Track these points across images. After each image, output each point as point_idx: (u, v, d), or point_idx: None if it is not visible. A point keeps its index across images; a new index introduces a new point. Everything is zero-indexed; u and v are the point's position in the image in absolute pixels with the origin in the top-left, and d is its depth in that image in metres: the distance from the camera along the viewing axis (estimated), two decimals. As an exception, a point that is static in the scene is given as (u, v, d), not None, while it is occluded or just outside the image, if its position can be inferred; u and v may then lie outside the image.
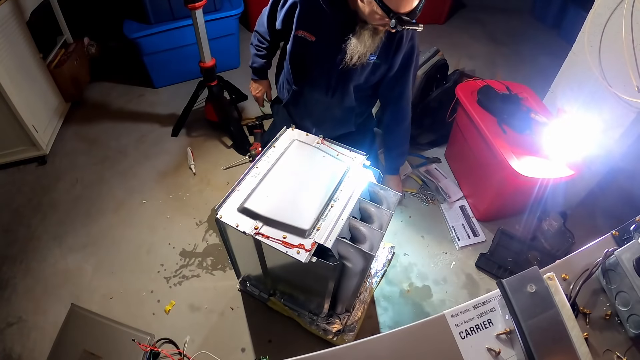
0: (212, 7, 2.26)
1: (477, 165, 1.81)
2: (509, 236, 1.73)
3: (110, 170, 2.04)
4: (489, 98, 1.71)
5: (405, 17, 1.06)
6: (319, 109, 1.51)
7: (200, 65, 1.94)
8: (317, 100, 1.48)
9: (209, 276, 1.65)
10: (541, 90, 1.83)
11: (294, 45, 1.33)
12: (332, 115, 1.51)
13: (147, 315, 1.53)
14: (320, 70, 1.37)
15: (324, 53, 1.31)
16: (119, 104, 2.41)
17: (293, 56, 1.37)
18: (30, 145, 1.98)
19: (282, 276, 1.32)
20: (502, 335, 0.80)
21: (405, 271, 1.68)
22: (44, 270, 1.66)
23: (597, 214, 1.84)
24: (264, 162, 1.19)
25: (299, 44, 1.31)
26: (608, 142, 1.53)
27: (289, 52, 1.37)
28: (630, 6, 1.27)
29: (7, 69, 1.76)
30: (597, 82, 1.48)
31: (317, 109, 1.51)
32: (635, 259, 0.79)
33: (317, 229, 1.05)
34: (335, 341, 1.42)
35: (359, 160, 1.23)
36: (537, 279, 0.78)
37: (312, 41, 1.28)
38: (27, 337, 1.47)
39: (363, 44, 1.19)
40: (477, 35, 2.99)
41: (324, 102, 1.46)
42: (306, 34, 1.28)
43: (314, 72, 1.39)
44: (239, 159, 2.09)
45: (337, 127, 1.56)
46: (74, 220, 1.83)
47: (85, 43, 2.51)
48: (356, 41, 1.19)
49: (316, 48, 1.29)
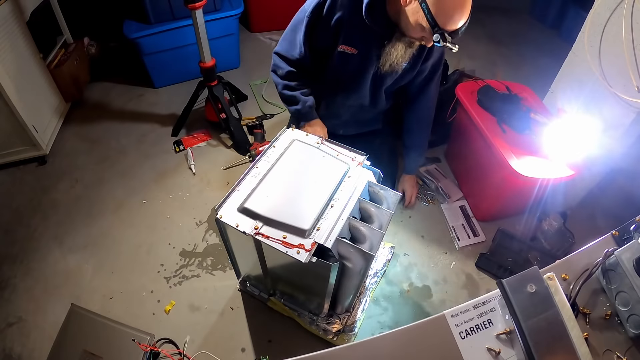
0: (212, 7, 2.26)
1: (477, 165, 1.81)
2: (509, 236, 1.73)
3: (110, 170, 2.04)
4: (489, 98, 1.71)
5: (447, 35, 1.08)
6: (350, 113, 1.53)
7: (200, 65, 1.94)
8: (349, 106, 1.50)
9: (209, 276, 1.65)
10: (541, 90, 1.83)
11: (335, 59, 1.32)
12: (362, 117, 1.54)
13: (147, 315, 1.53)
14: (356, 80, 1.38)
15: (362, 64, 1.32)
16: (119, 104, 2.41)
17: (332, 70, 1.36)
18: (30, 145, 1.98)
19: (282, 276, 1.32)
20: (502, 335, 0.80)
21: (405, 271, 1.68)
22: (44, 270, 1.66)
23: (597, 214, 1.84)
24: (264, 162, 1.19)
25: (340, 58, 1.30)
26: (608, 142, 1.53)
27: (329, 67, 1.35)
28: (630, 6, 1.27)
29: (7, 69, 1.76)
30: (597, 82, 1.48)
31: (348, 112, 1.53)
32: (635, 259, 0.79)
33: (317, 229, 1.05)
34: (335, 341, 1.42)
35: (359, 160, 1.23)
36: (537, 279, 0.78)
37: (352, 54, 1.29)
38: (27, 337, 1.47)
39: (397, 53, 1.23)
40: (477, 36, 2.99)
41: (356, 106, 1.49)
42: (348, 48, 1.28)
43: (350, 82, 1.40)
44: (239, 159, 2.09)
45: (365, 127, 1.58)
46: (74, 220, 1.83)
47: (85, 43, 2.51)
48: (391, 50, 1.23)
49: (356, 60, 1.30)
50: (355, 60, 1.31)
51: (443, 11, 1.06)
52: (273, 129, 2.26)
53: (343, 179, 1.16)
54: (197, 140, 2.18)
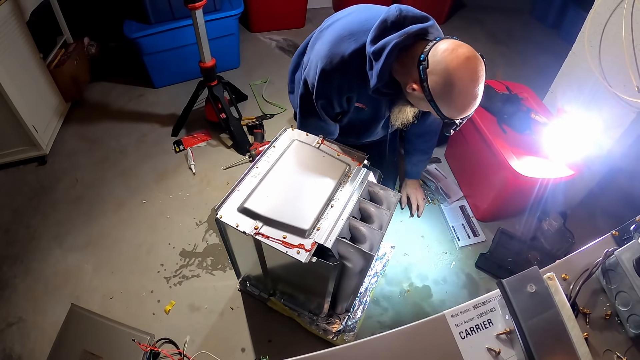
0: (212, 7, 2.26)
1: (477, 165, 1.81)
2: (509, 236, 1.73)
3: (110, 170, 2.04)
4: (489, 98, 1.71)
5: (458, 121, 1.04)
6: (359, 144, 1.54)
7: (200, 65, 1.94)
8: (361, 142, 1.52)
9: (209, 276, 1.65)
10: (541, 90, 1.83)
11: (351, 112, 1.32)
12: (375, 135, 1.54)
13: (147, 315, 1.53)
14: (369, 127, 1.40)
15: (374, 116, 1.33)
16: (119, 104, 2.41)
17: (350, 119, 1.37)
18: (30, 145, 1.98)
19: (282, 276, 1.32)
20: (502, 335, 0.80)
21: (405, 271, 1.68)
22: (44, 270, 1.66)
23: (597, 214, 1.84)
24: (264, 162, 1.19)
25: (355, 111, 1.30)
26: (608, 142, 1.53)
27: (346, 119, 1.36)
28: (630, 6, 1.27)
29: (7, 69, 1.76)
30: (597, 82, 1.48)
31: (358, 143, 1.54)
32: (635, 259, 0.79)
33: (317, 229, 1.05)
34: (335, 341, 1.42)
35: (359, 160, 1.23)
36: (537, 279, 0.79)
37: (364, 109, 1.28)
38: (27, 337, 1.47)
39: (405, 115, 1.22)
40: (477, 35, 2.99)
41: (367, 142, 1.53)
42: (359, 104, 1.27)
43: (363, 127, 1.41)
44: (239, 159, 2.10)
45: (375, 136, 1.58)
46: (74, 220, 1.83)
47: (85, 43, 2.51)
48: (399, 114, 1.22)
49: (368, 113, 1.30)
50: (367, 113, 1.30)
51: (455, 111, 1.01)
52: (273, 129, 2.26)
53: (343, 179, 1.17)
54: (197, 140, 2.18)
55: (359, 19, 1.16)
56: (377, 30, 1.05)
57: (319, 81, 1.18)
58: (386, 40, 1.02)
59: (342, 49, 1.12)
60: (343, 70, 1.13)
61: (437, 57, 0.97)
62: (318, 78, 1.17)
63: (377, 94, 1.13)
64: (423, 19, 1.06)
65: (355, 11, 1.22)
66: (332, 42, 1.15)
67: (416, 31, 1.01)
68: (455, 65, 0.94)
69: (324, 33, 1.23)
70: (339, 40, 1.14)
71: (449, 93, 0.97)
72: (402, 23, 1.04)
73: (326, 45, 1.16)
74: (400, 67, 1.06)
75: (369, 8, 1.20)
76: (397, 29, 1.03)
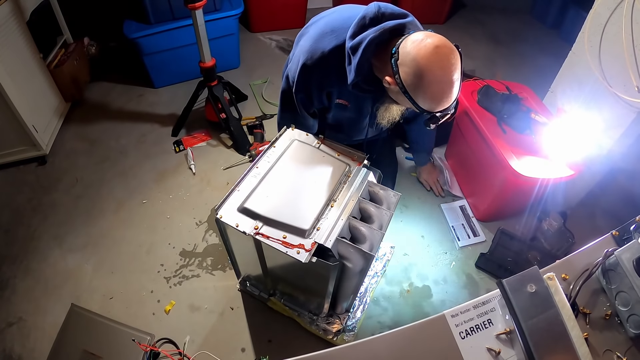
0: (212, 7, 2.26)
1: (477, 165, 1.81)
2: (509, 236, 1.73)
3: (110, 170, 2.04)
4: (489, 98, 1.71)
5: (439, 114, 1.02)
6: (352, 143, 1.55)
7: (200, 65, 1.94)
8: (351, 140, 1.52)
9: (209, 276, 1.65)
10: (541, 90, 1.83)
11: (333, 109, 1.32)
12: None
13: (147, 315, 1.53)
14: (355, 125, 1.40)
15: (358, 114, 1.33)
16: (119, 104, 2.41)
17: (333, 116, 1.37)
18: (30, 145, 1.98)
19: (282, 276, 1.32)
20: (502, 335, 0.80)
21: (405, 271, 1.68)
22: (44, 270, 1.66)
23: (597, 214, 1.84)
24: (264, 162, 1.19)
25: (337, 108, 1.30)
26: (608, 142, 1.53)
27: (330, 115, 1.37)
28: (630, 6, 1.27)
29: (7, 69, 1.76)
30: (597, 82, 1.48)
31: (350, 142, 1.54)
32: (635, 259, 0.79)
33: (317, 229, 1.05)
34: (335, 341, 1.42)
35: (359, 160, 1.23)
36: (537, 279, 0.79)
37: (347, 106, 1.29)
38: (27, 337, 1.47)
39: (390, 114, 1.21)
40: (477, 36, 2.99)
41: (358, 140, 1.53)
42: (342, 101, 1.27)
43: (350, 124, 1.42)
44: (239, 159, 2.10)
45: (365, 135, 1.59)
46: (74, 220, 1.83)
47: (85, 43, 2.51)
48: (384, 113, 1.22)
49: (352, 110, 1.31)
50: (351, 110, 1.30)
51: (430, 102, 0.99)
52: (273, 129, 2.26)
53: (343, 179, 1.17)
54: (197, 140, 2.18)
55: (342, 17, 1.18)
56: (355, 27, 1.07)
57: (299, 75, 1.19)
58: (363, 36, 1.04)
59: (323, 45, 1.14)
60: (323, 66, 1.15)
61: (406, 49, 0.97)
62: (299, 72, 1.19)
63: (357, 90, 1.14)
64: (401, 16, 1.08)
65: (340, 10, 1.25)
66: (314, 38, 1.17)
67: (392, 26, 1.02)
68: (423, 54, 0.94)
69: (308, 30, 1.26)
70: (320, 37, 1.16)
71: (420, 83, 0.97)
72: (380, 19, 1.06)
73: (308, 42, 1.18)
74: (378, 62, 1.08)
75: (353, 7, 1.21)
76: (375, 25, 1.05)
